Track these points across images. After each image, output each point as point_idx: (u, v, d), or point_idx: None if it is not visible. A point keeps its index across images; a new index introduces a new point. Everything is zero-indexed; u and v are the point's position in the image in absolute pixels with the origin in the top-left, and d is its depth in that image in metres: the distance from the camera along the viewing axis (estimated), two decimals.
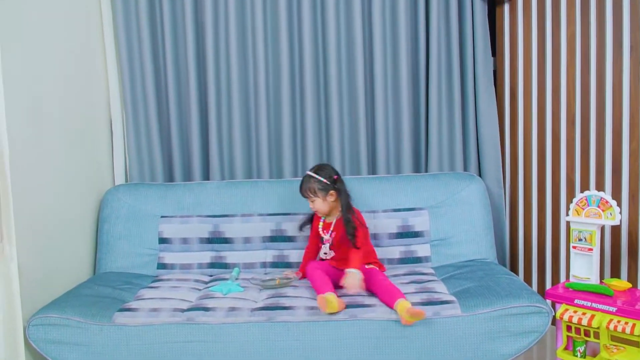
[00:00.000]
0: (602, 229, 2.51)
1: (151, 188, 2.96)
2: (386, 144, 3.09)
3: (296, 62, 3.08)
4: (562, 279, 2.80)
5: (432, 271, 2.68)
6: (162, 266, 2.82)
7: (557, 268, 2.83)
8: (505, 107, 3.06)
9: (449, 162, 3.10)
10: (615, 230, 2.56)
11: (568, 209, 2.48)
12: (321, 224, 2.61)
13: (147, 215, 2.88)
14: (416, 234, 2.79)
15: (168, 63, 3.08)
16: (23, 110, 2.33)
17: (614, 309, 2.14)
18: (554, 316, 2.27)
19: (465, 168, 3.14)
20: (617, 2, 2.50)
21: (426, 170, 3.14)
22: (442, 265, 2.74)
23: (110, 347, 2.20)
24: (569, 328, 2.27)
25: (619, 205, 2.49)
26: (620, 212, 2.35)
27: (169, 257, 2.83)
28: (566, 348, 2.33)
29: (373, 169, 3.14)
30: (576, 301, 2.24)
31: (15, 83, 2.28)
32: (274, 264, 2.82)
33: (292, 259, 2.81)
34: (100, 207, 2.92)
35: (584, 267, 2.37)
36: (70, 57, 2.73)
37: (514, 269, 3.06)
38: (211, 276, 2.78)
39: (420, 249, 2.79)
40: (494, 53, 3.11)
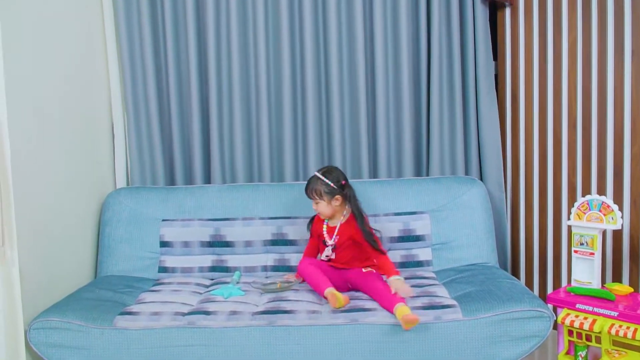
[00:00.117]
0: (604, 233, 2.51)
1: (152, 191, 2.96)
2: (387, 147, 3.09)
3: (298, 66, 3.08)
4: (564, 283, 2.80)
5: (433, 275, 2.68)
6: (163, 270, 2.82)
7: (559, 272, 2.82)
8: (506, 111, 3.06)
9: (450, 165, 3.10)
10: (617, 234, 2.56)
11: (569, 213, 2.48)
12: (325, 226, 2.59)
13: (148, 218, 2.88)
14: (417, 238, 2.79)
15: (169, 66, 3.09)
16: (25, 114, 2.33)
17: (615, 313, 2.14)
18: (555, 321, 2.27)
19: (467, 172, 3.14)
20: (619, 6, 2.50)
21: (427, 174, 3.14)
22: (443, 269, 2.74)
23: (111, 351, 2.19)
24: (570, 332, 2.27)
25: (621, 209, 2.49)
26: (622, 217, 2.35)
27: (170, 261, 2.83)
28: (568, 353, 2.33)
29: (374, 173, 3.14)
30: (578, 306, 2.24)
31: (17, 86, 2.28)
32: (275, 268, 2.82)
33: (293, 263, 2.80)
34: (101, 210, 2.92)
35: (585, 272, 2.37)
36: (72, 60, 2.73)
37: (515, 273, 3.06)
38: (212, 280, 2.78)
39: (422, 252, 2.79)
40: (495, 57, 3.11)
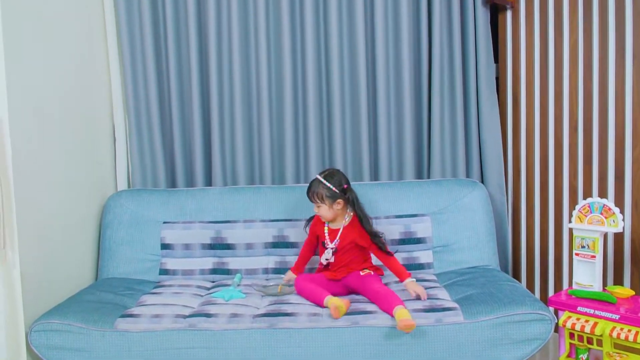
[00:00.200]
0: (605, 236, 2.51)
1: (153, 194, 2.97)
2: (388, 149, 3.09)
3: (299, 68, 3.08)
4: (565, 286, 2.80)
5: (434, 278, 2.68)
6: (164, 272, 2.82)
7: (560, 275, 2.82)
8: (507, 114, 3.06)
9: (451, 168, 3.10)
10: (618, 237, 2.55)
11: (571, 215, 2.48)
12: (326, 229, 2.59)
13: (150, 221, 2.88)
14: (418, 241, 2.79)
15: (171, 69, 3.09)
16: (26, 116, 2.34)
17: (617, 316, 2.14)
18: (556, 323, 2.27)
19: (468, 174, 3.13)
20: (620, 9, 2.51)
21: (428, 177, 3.13)
22: (444, 272, 2.74)
23: (112, 353, 2.19)
24: (571, 335, 2.27)
25: (622, 212, 2.49)
26: (623, 219, 2.35)
27: (171, 263, 2.83)
28: (569, 356, 2.32)
29: (375, 175, 3.13)
30: (579, 308, 2.24)
31: (19, 88, 2.28)
32: (276, 270, 2.82)
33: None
34: (102, 213, 2.92)
35: (586, 274, 2.36)
36: (73, 63, 2.73)
37: (516, 275, 3.05)
38: (213, 282, 2.78)
39: (423, 255, 2.79)
40: (496, 59, 3.11)
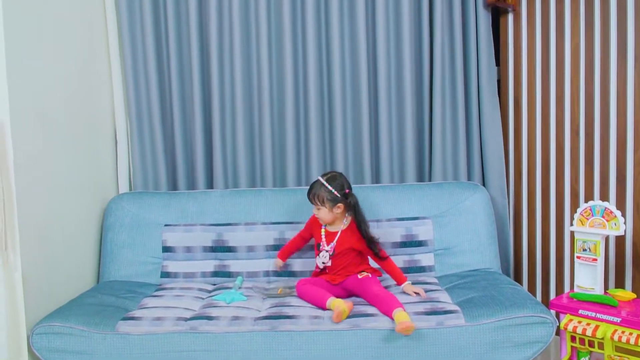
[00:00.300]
0: (607, 239, 2.51)
1: (155, 196, 2.97)
2: (390, 152, 3.09)
3: (300, 71, 3.09)
4: (566, 289, 2.79)
5: (435, 280, 2.68)
6: (165, 275, 2.82)
7: (561, 278, 2.82)
8: (509, 117, 3.06)
9: (452, 171, 3.10)
10: (620, 240, 2.55)
11: (572, 218, 2.48)
12: (323, 231, 2.58)
13: (151, 223, 2.88)
14: (420, 243, 2.79)
15: (172, 72, 3.09)
16: (28, 119, 2.34)
17: (618, 319, 2.14)
18: (558, 326, 2.27)
19: (469, 177, 3.13)
20: (622, 12, 2.51)
21: (430, 180, 3.13)
22: (445, 275, 2.73)
23: (113, 356, 2.19)
24: (573, 338, 2.26)
25: (624, 215, 2.49)
26: (625, 223, 2.35)
27: (172, 266, 2.83)
28: (570, 358, 2.32)
29: (377, 178, 3.13)
30: (580, 311, 2.24)
31: (20, 92, 2.29)
32: (278, 273, 2.81)
33: (295, 268, 2.80)
34: (104, 215, 2.92)
35: (588, 278, 2.36)
36: (75, 67, 2.74)
37: (517, 278, 3.05)
38: (214, 285, 2.78)
39: (424, 258, 2.79)
40: (497, 62, 3.11)
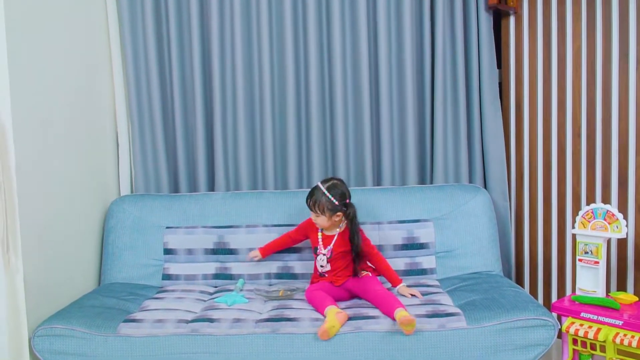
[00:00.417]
0: (609, 241, 2.50)
1: (156, 199, 2.97)
2: (391, 155, 3.09)
3: (301, 74, 3.09)
4: (568, 292, 2.79)
5: (437, 283, 2.67)
6: (167, 277, 2.82)
7: (563, 281, 2.81)
8: (510, 119, 3.06)
9: (454, 173, 3.09)
10: (622, 243, 2.55)
11: (574, 221, 2.47)
12: (320, 235, 2.59)
13: (153, 226, 2.88)
14: (421, 246, 2.79)
15: (174, 75, 3.10)
16: (30, 122, 2.34)
17: (620, 322, 2.14)
18: (559, 329, 2.26)
19: (471, 180, 3.13)
20: (623, 14, 2.51)
21: (431, 182, 3.13)
22: (447, 277, 2.73)
23: (114, 358, 2.19)
24: (575, 341, 2.26)
25: (625, 218, 2.49)
26: (627, 225, 2.34)
27: (174, 268, 2.83)
28: None
29: (378, 180, 3.14)
30: (582, 314, 2.24)
31: (23, 95, 2.29)
32: (279, 275, 2.82)
33: (297, 270, 2.81)
34: (105, 218, 2.93)
35: (590, 280, 2.36)
36: (77, 69, 2.74)
37: (519, 281, 3.05)
38: (216, 287, 2.78)
39: (426, 260, 2.78)
40: (499, 65, 3.11)
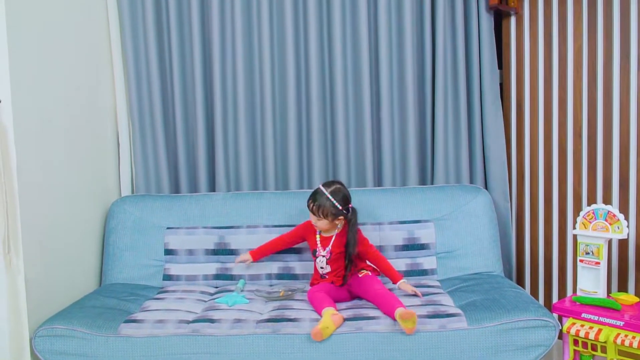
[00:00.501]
0: (610, 242, 2.50)
1: (157, 199, 2.97)
2: (392, 155, 3.09)
3: (302, 75, 3.09)
4: (569, 292, 2.79)
5: (438, 284, 2.67)
6: (167, 277, 2.82)
7: (564, 282, 2.81)
8: (511, 120, 3.06)
9: (455, 174, 3.09)
10: (623, 243, 2.55)
11: (575, 222, 2.47)
12: (318, 237, 2.59)
13: (153, 226, 2.88)
14: (422, 247, 2.79)
15: (174, 75, 3.10)
16: (31, 123, 2.34)
17: (621, 323, 2.13)
18: (560, 330, 2.26)
19: (472, 180, 3.13)
20: (625, 15, 2.51)
21: (432, 183, 3.13)
22: (448, 278, 2.73)
23: (115, 359, 2.19)
24: (575, 342, 2.26)
25: (627, 218, 2.49)
26: (628, 226, 2.34)
27: (174, 269, 2.83)
28: None
29: (379, 181, 3.14)
30: (583, 315, 2.23)
31: (24, 96, 2.29)
32: (280, 276, 2.82)
33: (297, 271, 2.80)
34: (106, 218, 2.93)
35: (591, 281, 2.36)
36: (78, 70, 2.74)
37: (520, 282, 3.05)
38: (217, 288, 2.78)
39: (426, 261, 2.78)
40: (500, 66, 3.11)
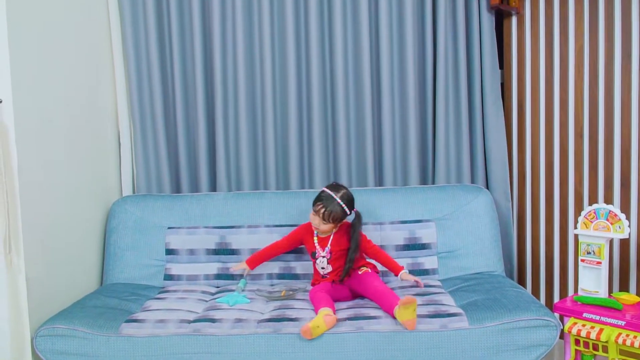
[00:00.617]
0: (611, 242, 2.50)
1: (158, 199, 2.97)
2: (393, 155, 3.09)
3: (303, 75, 3.09)
4: (571, 292, 2.79)
5: (439, 283, 2.67)
6: (168, 277, 2.82)
7: (565, 281, 2.81)
8: (512, 120, 3.06)
9: (456, 174, 3.09)
10: (624, 243, 2.55)
11: (576, 222, 2.47)
12: (316, 239, 2.59)
13: (154, 226, 2.88)
14: (423, 246, 2.79)
15: (175, 75, 3.10)
16: (32, 123, 2.34)
17: (622, 322, 2.13)
18: (562, 330, 2.26)
19: (473, 180, 3.13)
20: (626, 14, 2.50)
21: (433, 183, 3.13)
22: (449, 278, 2.73)
23: (116, 358, 2.19)
24: (577, 342, 2.26)
25: (628, 218, 2.48)
26: (629, 226, 2.34)
27: (175, 268, 2.84)
28: None
29: (380, 181, 3.13)
30: (585, 315, 2.23)
31: (24, 96, 2.29)
32: (281, 276, 2.82)
33: (298, 271, 2.81)
34: (107, 218, 2.93)
35: (592, 281, 2.36)
36: (78, 69, 2.75)
37: (521, 282, 3.05)
38: (218, 287, 2.78)
39: (427, 261, 2.78)
40: (501, 65, 3.11)
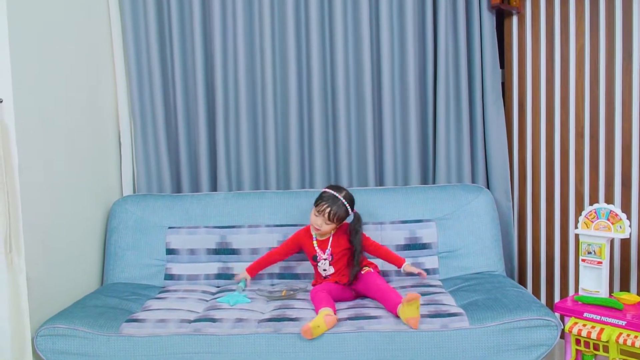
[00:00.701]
0: (612, 242, 2.50)
1: (159, 199, 2.97)
2: (394, 155, 3.09)
3: (304, 74, 3.08)
4: (571, 292, 2.78)
5: (439, 283, 2.67)
6: (169, 277, 2.82)
7: (566, 281, 2.81)
8: (513, 120, 3.05)
9: (456, 174, 3.09)
10: (625, 243, 2.54)
11: (577, 221, 2.47)
12: (315, 242, 2.59)
13: (155, 226, 2.88)
14: (424, 246, 2.79)
15: (176, 75, 3.10)
16: (32, 123, 2.34)
17: (623, 322, 2.13)
18: (562, 329, 2.26)
19: (473, 180, 3.13)
20: (627, 13, 2.50)
21: (434, 182, 3.13)
22: (449, 278, 2.73)
23: (117, 358, 2.19)
24: (577, 342, 2.26)
25: (629, 218, 2.48)
26: (630, 225, 2.34)
27: (176, 268, 2.84)
28: None
29: (380, 180, 3.13)
30: (585, 314, 2.23)
31: (25, 96, 2.29)
32: (281, 275, 2.82)
33: (299, 271, 2.80)
34: (108, 218, 2.93)
35: (593, 280, 2.36)
36: (79, 69, 2.75)
37: (522, 281, 3.05)
38: (218, 287, 2.78)
39: (428, 261, 2.78)
40: (502, 65, 3.11)
